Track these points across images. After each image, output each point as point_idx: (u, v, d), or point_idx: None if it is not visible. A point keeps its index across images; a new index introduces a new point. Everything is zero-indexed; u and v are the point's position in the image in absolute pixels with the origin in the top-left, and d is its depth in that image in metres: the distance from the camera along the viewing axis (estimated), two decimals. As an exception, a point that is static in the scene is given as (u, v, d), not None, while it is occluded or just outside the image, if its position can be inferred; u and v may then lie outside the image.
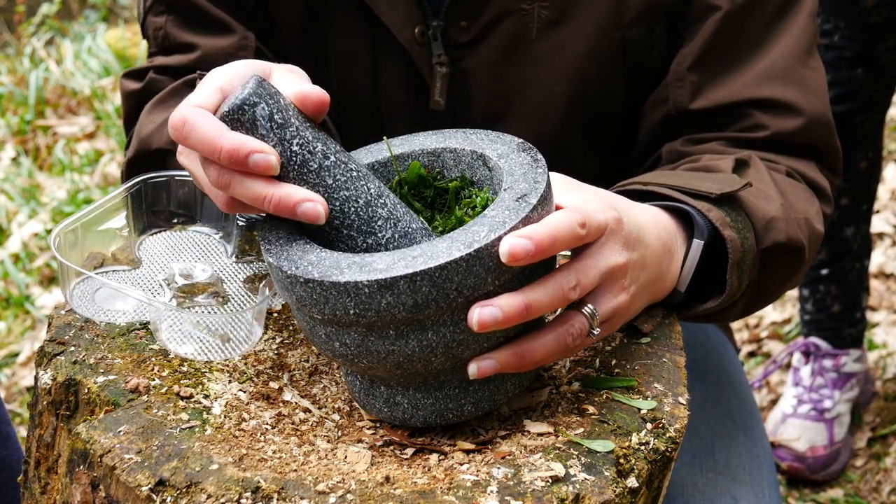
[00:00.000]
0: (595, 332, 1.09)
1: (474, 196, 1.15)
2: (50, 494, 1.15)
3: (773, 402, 2.83)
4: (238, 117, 1.05)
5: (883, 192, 3.45)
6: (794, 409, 2.69)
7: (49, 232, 3.62)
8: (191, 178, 1.34)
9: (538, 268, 1.06)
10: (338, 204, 1.09)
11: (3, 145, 4.24)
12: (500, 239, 1.01)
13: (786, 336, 3.04)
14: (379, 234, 1.10)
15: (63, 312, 1.22)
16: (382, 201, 1.10)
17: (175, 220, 1.37)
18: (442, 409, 1.11)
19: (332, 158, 1.09)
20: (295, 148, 1.07)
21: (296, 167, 1.07)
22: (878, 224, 3.32)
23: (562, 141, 1.52)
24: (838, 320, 2.71)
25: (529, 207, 1.04)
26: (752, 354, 3.01)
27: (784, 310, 3.13)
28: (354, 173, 1.10)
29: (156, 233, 1.34)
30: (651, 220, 1.19)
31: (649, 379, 1.16)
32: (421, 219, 1.14)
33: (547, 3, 1.45)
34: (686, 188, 1.27)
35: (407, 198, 1.18)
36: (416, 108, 1.50)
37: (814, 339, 2.73)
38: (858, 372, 2.73)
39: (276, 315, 1.27)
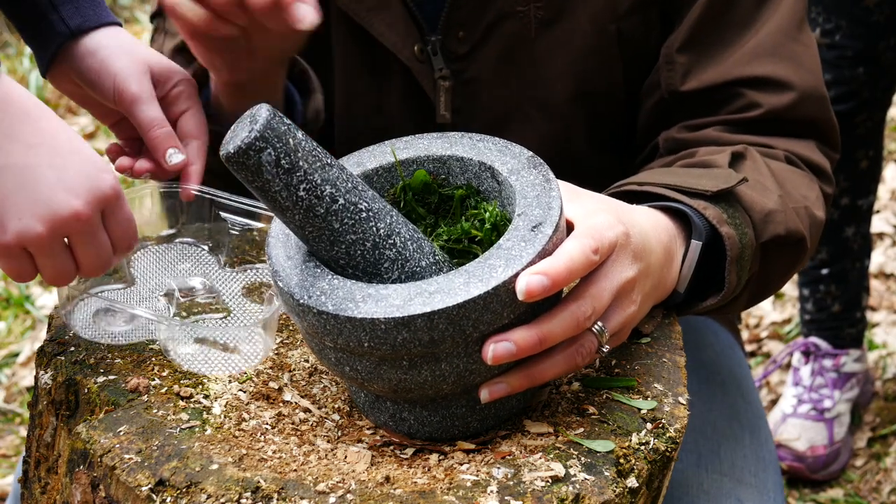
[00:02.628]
0: (605, 350, 1.10)
1: (482, 208, 1.14)
2: (50, 494, 1.15)
3: (773, 402, 2.83)
4: (243, 161, 1.00)
5: (883, 192, 3.44)
6: (794, 408, 2.69)
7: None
8: (176, 189, 1.34)
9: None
10: (344, 247, 1.06)
11: (3, 145, 4.24)
12: (517, 275, 1.01)
13: (786, 336, 3.04)
14: (385, 276, 1.08)
15: (63, 312, 1.22)
16: (391, 241, 1.08)
17: (161, 234, 1.36)
18: (448, 426, 1.11)
19: (341, 201, 1.05)
20: (301, 193, 1.02)
21: (301, 211, 1.03)
22: (878, 224, 3.31)
23: (566, 138, 1.52)
24: (838, 320, 2.71)
25: (546, 239, 1.04)
26: (752, 354, 3.01)
27: (784, 310, 3.13)
28: (363, 214, 1.06)
29: (143, 247, 1.33)
30: (652, 225, 1.19)
31: (649, 379, 1.16)
32: (435, 249, 1.12)
33: (542, 3, 1.45)
34: (682, 187, 1.27)
35: (411, 203, 1.17)
36: (421, 124, 1.50)
37: (814, 339, 2.73)
38: (858, 372, 2.73)
39: (276, 315, 1.27)
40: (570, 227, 1.10)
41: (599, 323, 1.09)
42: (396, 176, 1.17)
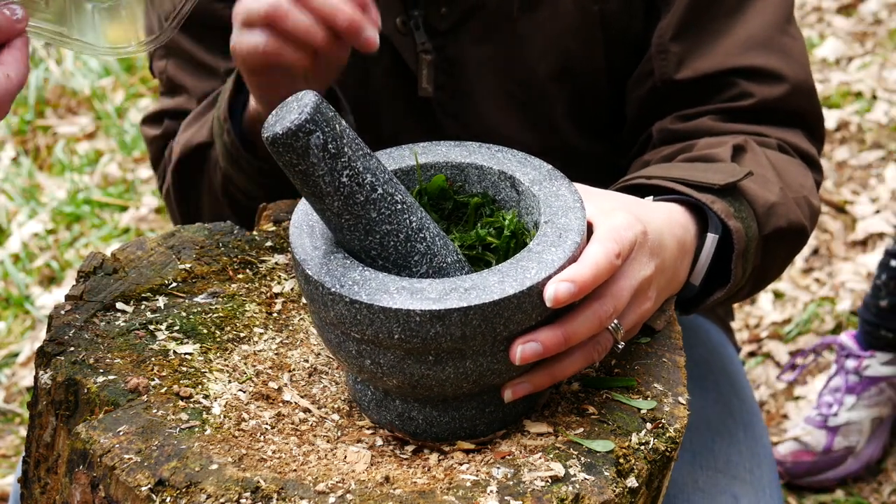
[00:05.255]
0: (619, 347, 1.12)
1: (499, 216, 1.15)
2: (49, 495, 1.15)
3: (786, 393, 2.80)
4: (291, 143, 1.01)
5: (883, 191, 3.44)
6: (812, 411, 2.60)
7: (49, 232, 3.61)
8: None
9: None
10: (378, 237, 1.07)
11: (3, 145, 4.24)
12: (549, 278, 1.03)
13: (786, 336, 3.04)
14: (414, 269, 1.09)
15: (63, 312, 1.22)
16: (422, 236, 1.09)
17: None
18: (455, 428, 1.11)
19: (380, 191, 1.06)
20: (344, 179, 1.04)
21: (342, 198, 1.04)
22: (878, 224, 3.31)
23: (552, 122, 1.53)
24: (880, 317, 2.56)
25: (574, 245, 1.06)
26: (752, 354, 3.01)
27: (784, 310, 3.12)
28: (399, 206, 1.07)
29: None
30: (665, 220, 1.20)
31: (649, 379, 1.16)
32: (457, 248, 1.13)
33: None
34: (690, 180, 1.28)
35: (426, 208, 1.17)
36: (404, 97, 1.51)
37: (841, 339, 2.62)
38: (887, 377, 2.58)
39: (275, 315, 1.27)
40: (588, 227, 1.11)
41: (615, 321, 1.11)
42: (413, 180, 1.17)
